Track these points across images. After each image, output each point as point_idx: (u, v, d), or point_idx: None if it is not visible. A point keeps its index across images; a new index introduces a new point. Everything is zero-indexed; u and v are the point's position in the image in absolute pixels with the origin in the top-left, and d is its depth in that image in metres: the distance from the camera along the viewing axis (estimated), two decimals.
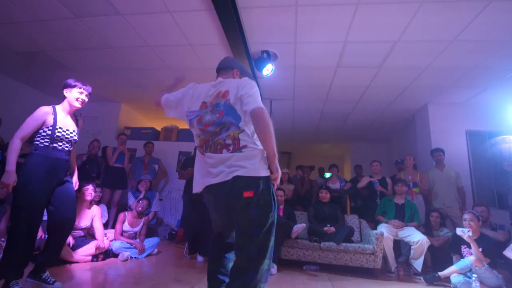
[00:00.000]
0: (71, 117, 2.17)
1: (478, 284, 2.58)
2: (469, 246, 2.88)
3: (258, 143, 1.44)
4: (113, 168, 4.47)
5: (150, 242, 3.36)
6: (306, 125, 6.77)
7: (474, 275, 2.64)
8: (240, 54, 3.58)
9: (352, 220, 3.75)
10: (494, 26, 2.95)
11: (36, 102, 2.79)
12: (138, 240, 3.30)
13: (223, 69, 1.78)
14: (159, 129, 6.16)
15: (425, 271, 3.17)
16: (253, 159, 1.36)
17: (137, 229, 3.36)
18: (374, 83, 4.38)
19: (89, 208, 3.03)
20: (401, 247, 3.83)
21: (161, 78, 4.82)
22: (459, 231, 2.83)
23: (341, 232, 3.26)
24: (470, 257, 2.79)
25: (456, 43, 3.25)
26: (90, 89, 2.19)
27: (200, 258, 3.29)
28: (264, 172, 1.37)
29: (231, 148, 1.37)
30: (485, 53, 3.41)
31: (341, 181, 4.93)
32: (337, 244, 3.13)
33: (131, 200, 4.09)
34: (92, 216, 3.02)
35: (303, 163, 5.81)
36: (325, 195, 3.83)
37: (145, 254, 3.20)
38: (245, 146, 1.38)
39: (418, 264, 3.14)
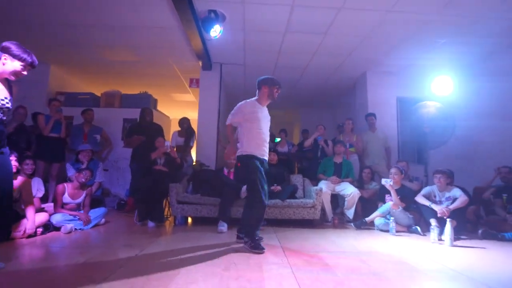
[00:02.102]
0: (2, 82, 1.83)
1: (394, 224, 3.12)
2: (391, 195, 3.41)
3: None
4: (48, 138, 4.00)
5: (96, 212, 3.24)
6: None
7: (391, 217, 3.18)
8: (184, 12, 3.36)
9: (297, 179, 4.08)
10: (423, 1, 3.22)
11: None
12: (82, 212, 3.16)
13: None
14: (99, 94, 5.63)
15: (356, 218, 3.68)
16: None
17: (79, 200, 3.19)
18: (320, 50, 4.54)
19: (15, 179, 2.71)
20: (339, 200, 4.33)
21: (96, 37, 4.32)
22: (383, 181, 3.34)
23: (286, 190, 3.56)
24: (389, 202, 3.33)
25: (392, 13, 3.49)
26: (36, 63, 1.85)
27: (151, 224, 3.31)
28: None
29: None
30: (415, 25, 3.74)
31: (289, 145, 5.23)
32: (282, 201, 3.43)
33: (71, 172, 3.82)
34: (20, 190, 2.73)
35: None
36: (272, 158, 4.06)
37: (91, 225, 3.09)
38: None
39: (350, 213, 3.65)
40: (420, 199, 3.26)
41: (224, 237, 2.86)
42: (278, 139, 5.58)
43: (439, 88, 4.47)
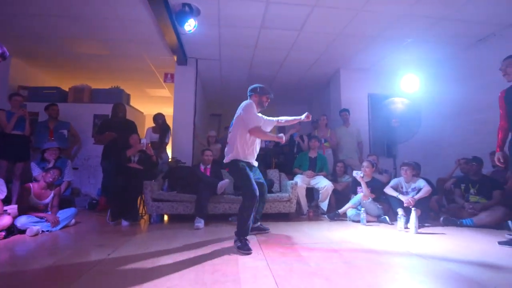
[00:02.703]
0: None
1: (365, 215, 3.28)
2: None
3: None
4: (11, 136, 3.73)
5: (65, 213, 3.10)
6: (235, 86, 6.80)
7: (362, 208, 3.34)
8: (157, 5, 3.28)
9: (273, 174, 4.15)
10: (392, 1, 3.36)
11: None
12: (50, 213, 3.01)
13: None
14: (66, 89, 5.33)
15: (330, 210, 3.82)
16: None
17: (46, 201, 3.03)
18: (295, 46, 4.61)
19: None
20: (313, 193, 4.46)
21: (61, 28, 4.08)
22: (354, 173, 3.50)
23: None
24: (360, 194, 3.49)
25: (363, 12, 3.62)
26: (7, 54, 1.69)
27: (125, 223, 3.22)
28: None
29: None
30: (384, 24, 3.91)
31: (266, 140, 5.28)
32: None
33: (36, 171, 3.61)
34: None
35: None
36: None
37: (60, 226, 2.95)
38: None
39: (324, 205, 3.79)
40: (388, 190, 3.45)
41: (201, 233, 2.86)
42: None
43: (407, 85, 4.71)
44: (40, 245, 2.45)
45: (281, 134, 2.46)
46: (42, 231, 2.80)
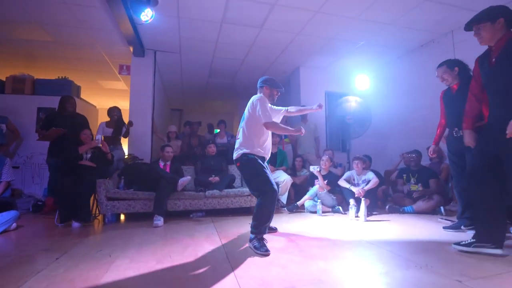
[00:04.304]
0: None
1: (320, 206, 3.49)
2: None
3: None
4: None
5: (4, 217, 2.79)
6: (196, 80, 6.67)
7: (318, 199, 3.54)
8: None
9: (235, 169, 4.18)
10: (346, 4, 3.57)
11: None
12: None
13: None
14: (3, 78, 4.76)
15: (290, 203, 3.98)
16: None
17: None
18: (257, 43, 4.66)
19: None
20: None
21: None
22: (311, 168, 3.69)
23: (224, 180, 3.63)
24: (316, 185, 3.70)
25: (320, 14, 3.79)
26: None
27: (75, 225, 3.01)
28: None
29: None
30: (339, 27, 4.14)
31: (228, 136, 5.29)
32: (220, 191, 3.49)
33: None
34: None
35: (194, 120, 5.83)
36: (212, 149, 4.09)
37: None
38: None
39: (284, 198, 3.94)
40: (341, 182, 3.71)
41: (160, 231, 2.79)
42: (217, 130, 5.59)
43: (360, 84, 5.08)
44: None
45: (301, 127, 2.32)
46: None
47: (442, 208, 3.45)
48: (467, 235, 2.43)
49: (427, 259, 1.85)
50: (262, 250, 2.01)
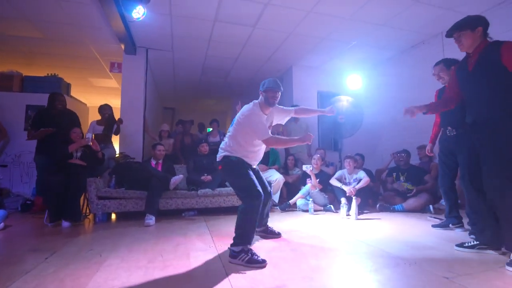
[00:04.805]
0: None
1: (312, 204, 3.52)
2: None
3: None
4: None
5: None
6: (189, 79, 6.63)
7: (310, 198, 3.58)
8: None
9: None
10: (339, 4, 3.60)
11: None
12: None
13: None
14: None
15: (282, 202, 4.00)
16: None
17: None
18: (250, 42, 4.66)
19: None
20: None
21: None
22: (304, 167, 3.72)
23: (216, 179, 3.63)
24: (309, 184, 3.73)
25: (312, 14, 3.81)
26: None
27: (65, 224, 2.97)
28: None
29: None
30: (332, 26, 4.17)
31: (221, 135, 5.28)
32: (212, 190, 3.49)
33: None
34: None
35: (186, 119, 5.80)
36: (205, 148, 4.08)
37: None
38: None
39: (276, 197, 3.96)
40: (333, 181, 3.75)
41: (152, 230, 2.78)
42: (210, 129, 5.58)
43: (352, 84, 5.12)
44: None
45: (309, 134, 2.10)
46: None
47: (431, 206, 3.52)
48: (456, 233, 2.51)
49: (416, 256, 1.89)
50: (257, 262, 1.75)
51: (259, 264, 1.74)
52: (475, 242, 2.01)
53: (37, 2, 3.52)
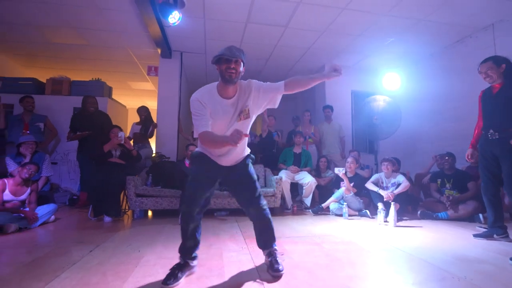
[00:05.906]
0: None
1: (347, 209, 3.38)
2: None
3: None
4: None
5: (44, 209, 3.00)
6: None
7: (344, 202, 3.44)
8: None
9: (258, 169, 4.17)
10: (374, 2, 3.43)
11: None
12: (27, 209, 2.90)
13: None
14: (43, 80, 5.10)
15: (314, 205, 3.90)
16: None
17: (23, 197, 2.92)
18: (281, 42, 4.62)
19: None
20: (298, 189, 4.53)
21: (33, 14, 3.87)
22: (336, 170, 3.58)
23: None
24: (342, 188, 3.59)
25: (347, 11, 3.67)
26: None
27: (107, 219, 3.17)
28: None
29: None
30: (367, 23, 3.98)
31: (252, 136, 5.29)
32: None
33: (12, 167, 3.45)
34: None
35: None
36: None
37: (38, 223, 2.87)
38: None
39: (308, 200, 3.87)
40: (369, 185, 3.57)
41: None
42: None
43: (389, 83, 4.86)
44: (18, 242, 2.37)
45: (239, 131, 1.38)
46: (20, 228, 2.71)
47: (481, 215, 3.20)
48: (504, 245, 2.27)
49: (464, 270, 1.72)
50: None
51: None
52: None
53: (80, 11, 3.79)
